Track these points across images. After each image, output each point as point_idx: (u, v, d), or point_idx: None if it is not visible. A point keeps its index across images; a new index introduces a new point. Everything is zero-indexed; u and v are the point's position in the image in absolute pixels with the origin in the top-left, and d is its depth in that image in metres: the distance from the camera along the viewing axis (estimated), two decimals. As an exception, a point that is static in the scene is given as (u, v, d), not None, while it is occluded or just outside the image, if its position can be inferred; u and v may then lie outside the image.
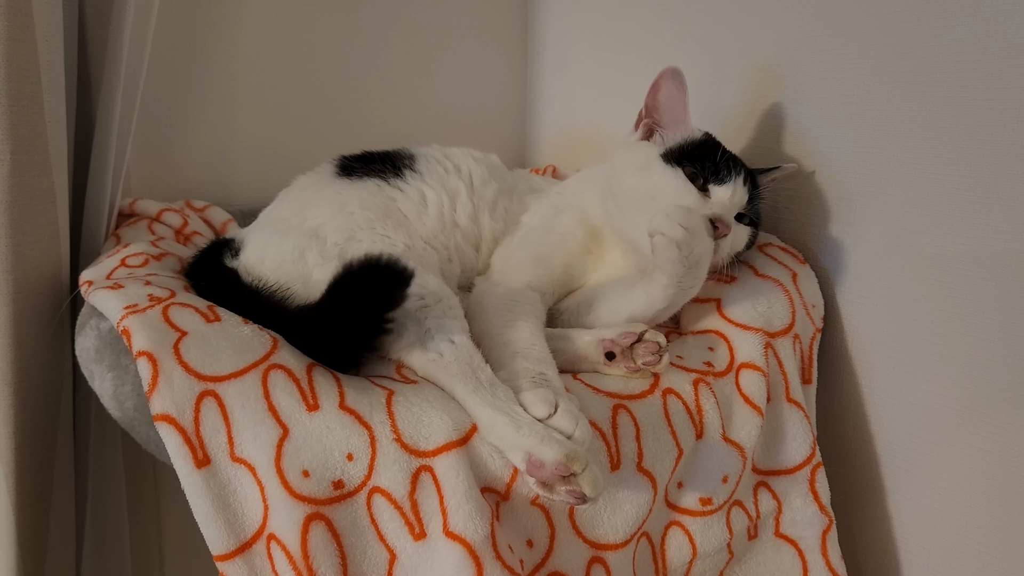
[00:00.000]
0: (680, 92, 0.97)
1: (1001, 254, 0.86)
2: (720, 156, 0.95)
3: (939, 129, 0.90)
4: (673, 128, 0.99)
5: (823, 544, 0.92)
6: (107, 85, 1.04)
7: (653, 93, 0.99)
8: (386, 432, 0.72)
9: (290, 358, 0.76)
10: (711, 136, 0.99)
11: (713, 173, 0.94)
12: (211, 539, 0.70)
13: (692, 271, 0.87)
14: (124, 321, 0.76)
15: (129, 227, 1.11)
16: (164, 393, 0.71)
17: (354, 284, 0.75)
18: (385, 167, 1.05)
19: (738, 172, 0.94)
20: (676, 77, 0.97)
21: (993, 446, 0.89)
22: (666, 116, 1.00)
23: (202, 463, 0.70)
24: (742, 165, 0.97)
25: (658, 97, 0.99)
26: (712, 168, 0.94)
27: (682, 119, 0.98)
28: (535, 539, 0.78)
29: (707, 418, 0.86)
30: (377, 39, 1.49)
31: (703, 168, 0.94)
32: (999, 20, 0.84)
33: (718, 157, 0.95)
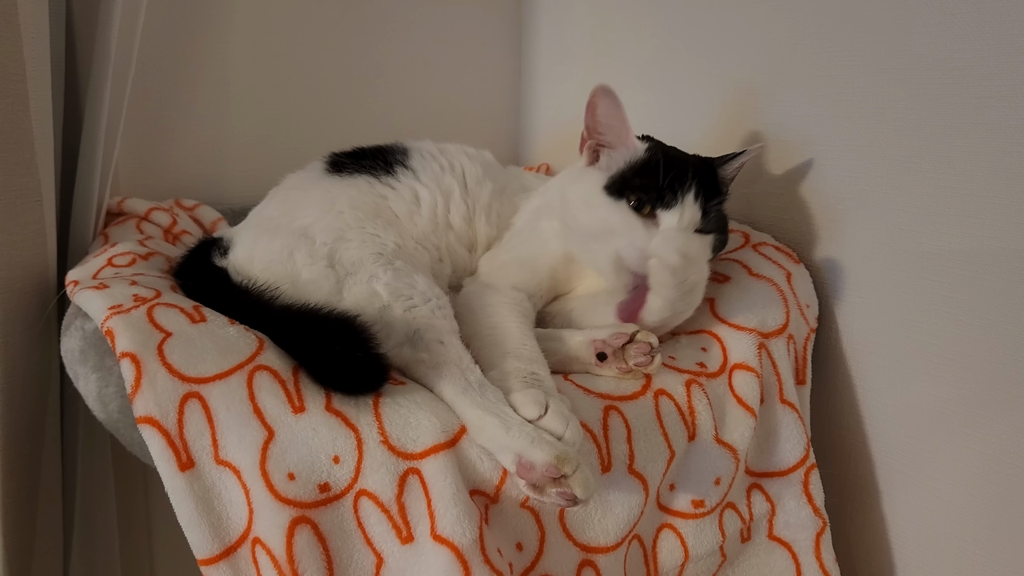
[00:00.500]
0: (616, 108, 0.93)
1: (996, 253, 0.85)
2: (665, 177, 0.89)
3: (933, 127, 0.89)
4: (617, 145, 0.95)
5: (817, 547, 0.91)
6: (95, 82, 1.03)
7: (590, 113, 0.94)
8: (373, 434, 0.71)
9: (276, 359, 0.75)
10: (655, 150, 0.93)
11: (658, 199, 0.89)
12: (195, 543, 0.69)
13: (687, 296, 0.86)
14: (108, 322, 0.75)
15: (117, 226, 1.11)
16: (147, 395, 0.70)
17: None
18: (376, 163, 1.04)
19: (687, 190, 0.89)
20: (608, 94, 0.92)
21: (989, 447, 0.88)
22: (608, 135, 0.95)
23: (186, 466, 0.69)
24: (692, 176, 0.90)
25: (596, 117, 0.94)
26: (656, 194, 0.89)
27: (623, 136, 0.94)
28: (525, 542, 0.77)
29: (699, 419, 0.86)
30: (370, 35, 1.49)
31: (647, 195, 0.89)
32: (993, 18, 0.83)
33: (662, 180, 0.89)
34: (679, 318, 0.89)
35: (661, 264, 0.83)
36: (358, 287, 0.86)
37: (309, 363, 0.77)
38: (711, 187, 0.92)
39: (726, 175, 0.97)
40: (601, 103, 0.93)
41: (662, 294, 0.85)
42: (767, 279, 0.98)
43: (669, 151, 0.95)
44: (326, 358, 0.76)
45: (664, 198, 0.89)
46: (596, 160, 0.97)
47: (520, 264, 0.98)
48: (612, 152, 0.95)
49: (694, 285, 0.86)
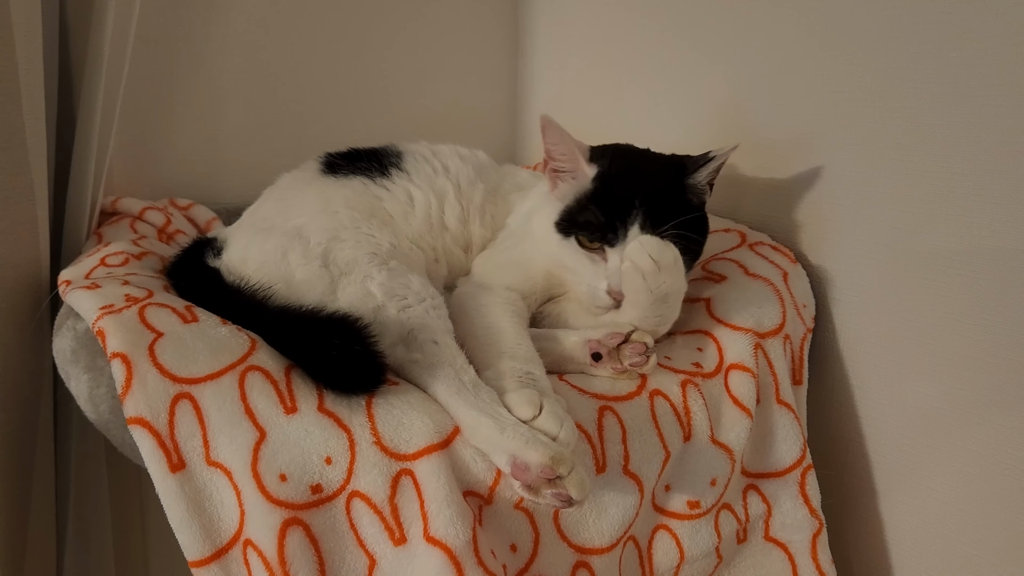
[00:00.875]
0: (561, 136, 0.92)
1: (993, 252, 0.85)
2: (610, 211, 0.88)
3: (930, 127, 0.89)
4: (570, 173, 0.94)
5: (813, 548, 0.91)
6: (88, 82, 1.03)
7: (544, 139, 0.94)
8: (366, 435, 0.71)
9: (268, 359, 0.75)
10: (601, 179, 0.92)
11: (602, 237, 0.88)
12: (186, 545, 0.69)
13: (660, 304, 0.85)
14: (99, 322, 0.75)
15: (111, 226, 1.10)
16: (138, 395, 0.69)
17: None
18: (371, 165, 1.04)
19: (631, 222, 0.86)
20: (551, 125, 0.92)
21: (985, 447, 0.88)
22: (560, 162, 0.94)
23: (177, 467, 0.69)
24: (640, 205, 0.87)
25: (547, 144, 0.94)
26: (599, 233, 0.88)
27: (574, 164, 0.93)
28: (519, 544, 0.77)
29: (695, 420, 0.85)
30: (366, 34, 1.48)
31: (591, 234, 0.88)
32: (990, 17, 0.82)
33: (607, 214, 0.88)
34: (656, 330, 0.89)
35: (634, 268, 0.83)
36: (352, 287, 0.86)
37: (306, 362, 0.77)
38: (665, 208, 0.88)
39: (698, 181, 0.93)
40: (548, 133, 0.93)
41: (636, 301, 0.85)
42: (764, 279, 0.97)
43: (619, 175, 0.92)
44: (324, 356, 0.75)
45: (607, 236, 0.88)
46: (555, 186, 0.96)
47: (514, 265, 0.97)
48: (567, 179, 0.94)
49: (667, 294, 0.85)
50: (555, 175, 0.96)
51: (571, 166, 0.94)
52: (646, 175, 0.93)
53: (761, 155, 1.11)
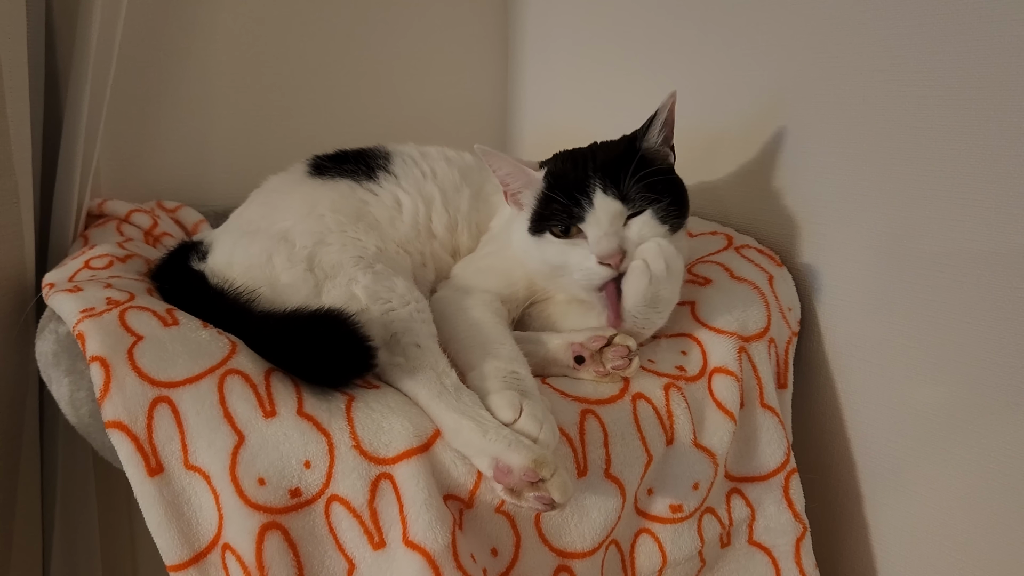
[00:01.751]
0: (501, 160, 0.93)
1: (978, 256, 0.85)
2: (563, 194, 0.88)
3: (915, 130, 0.89)
4: (524, 187, 0.94)
5: (797, 552, 0.91)
6: (75, 83, 1.03)
7: (491, 170, 0.96)
8: (345, 439, 0.71)
9: (248, 363, 0.75)
10: (551, 167, 0.93)
11: (570, 217, 0.88)
12: (164, 549, 0.69)
13: (650, 308, 0.86)
14: (79, 325, 0.75)
15: (98, 228, 1.10)
16: (116, 399, 0.69)
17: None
18: (358, 167, 1.04)
19: (591, 190, 0.87)
20: (487, 153, 0.93)
21: (971, 451, 0.88)
22: (512, 183, 0.95)
23: (155, 471, 0.69)
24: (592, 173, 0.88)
25: (495, 173, 0.96)
26: (566, 214, 0.88)
27: (522, 177, 0.94)
28: (500, 547, 0.77)
29: (678, 424, 0.85)
30: (356, 34, 1.48)
31: (560, 219, 0.88)
32: (975, 21, 0.82)
33: (563, 198, 0.88)
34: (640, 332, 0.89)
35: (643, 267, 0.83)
36: (336, 290, 0.86)
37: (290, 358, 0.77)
38: (623, 168, 0.87)
39: (652, 140, 0.91)
40: (489, 161, 0.94)
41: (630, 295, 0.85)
42: (749, 282, 0.97)
43: (564, 163, 0.93)
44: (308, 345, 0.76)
45: (574, 213, 0.88)
46: (520, 207, 0.96)
47: (496, 272, 0.97)
48: (524, 194, 0.95)
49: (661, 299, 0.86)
50: (515, 197, 0.96)
51: (523, 180, 0.94)
52: (597, 152, 0.93)
53: (748, 158, 1.11)
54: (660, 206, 0.87)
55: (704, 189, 1.19)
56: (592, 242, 0.86)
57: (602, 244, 0.85)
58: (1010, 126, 0.80)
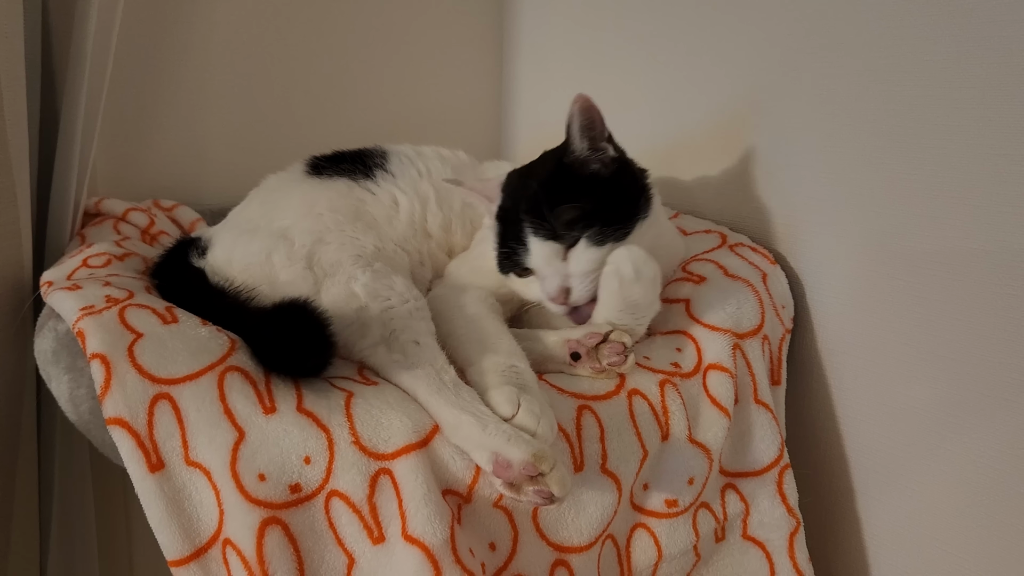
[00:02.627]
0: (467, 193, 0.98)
1: (969, 254, 0.86)
2: (508, 240, 0.90)
3: (907, 129, 0.90)
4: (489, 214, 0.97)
5: (791, 546, 0.92)
6: (72, 81, 1.03)
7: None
8: (344, 435, 0.72)
9: (248, 360, 0.75)
10: (498, 208, 0.94)
11: (514, 265, 0.91)
12: (165, 544, 0.69)
13: (627, 314, 0.86)
14: (79, 323, 0.75)
15: (94, 227, 1.10)
16: (117, 396, 0.70)
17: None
18: (356, 167, 1.04)
19: (526, 233, 0.87)
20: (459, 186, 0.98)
21: (962, 447, 0.89)
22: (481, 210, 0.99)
23: (156, 467, 0.69)
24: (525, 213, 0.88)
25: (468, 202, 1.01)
26: (512, 262, 0.90)
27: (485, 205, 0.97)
28: (497, 542, 0.78)
29: (673, 419, 0.86)
30: (351, 33, 1.48)
31: (509, 269, 0.92)
32: (966, 20, 0.83)
33: (508, 244, 0.90)
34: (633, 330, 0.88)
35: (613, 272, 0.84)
36: (336, 288, 0.86)
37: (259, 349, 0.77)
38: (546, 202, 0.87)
39: (577, 154, 0.89)
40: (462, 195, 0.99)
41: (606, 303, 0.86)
42: (743, 280, 0.98)
43: (506, 202, 0.93)
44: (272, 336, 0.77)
45: (517, 261, 0.90)
46: None
47: (491, 272, 0.97)
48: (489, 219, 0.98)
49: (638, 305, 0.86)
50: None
51: (484, 209, 0.98)
52: (528, 182, 0.92)
53: (741, 156, 1.12)
54: (593, 231, 0.85)
55: (698, 187, 1.20)
56: (542, 283, 0.88)
57: (545, 287, 0.87)
58: (1000, 125, 0.81)
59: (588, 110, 0.88)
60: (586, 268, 0.86)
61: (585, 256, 0.86)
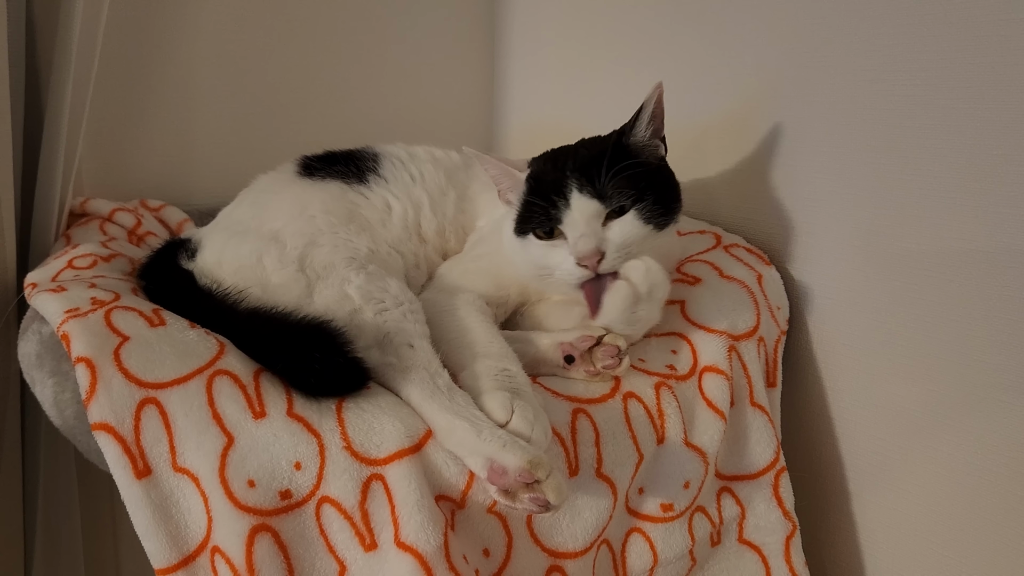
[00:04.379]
0: (489, 162, 0.94)
1: (964, 254, 0.86)
2: (541, 197, 0.88)
3: (902, 129, 0.90)
4: (511, 187, 0.94)
5: (787, 550, 0.91)
6: (56, 79, 1.01)
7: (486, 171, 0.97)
8: (336, 440, 0.70)
9: (237, 363, 0.74)
10: (534, 168, 0.93)
11: (549, 219, 0.87)
12: (152, 552, 0.68)
13: (627, 325, 0.85)
14: (64, 326, 0.74)
15: (80, 227, 1.08)
16: (102, 401, 0.68)
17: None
18: (348, 169, 1.03)
19: (568, 190, 0.86)
20: (477, 156, 0.95)
21: (958, 449, 0.89)
22: (502, 183, 0.95)
23: (142, 473, 0.68)
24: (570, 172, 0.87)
25: (488, 173, 0.97)
26: (546, 216, 0.87)
27: (509, 178, 0.94)
28: (492, 548, 0.76)
29: (668, 422, 0.85)
30: (341, 32, 1.47)
31: (540, 222, 0.88)
32: (961, 21, 0.83)
33: (541, 200, 0.88)
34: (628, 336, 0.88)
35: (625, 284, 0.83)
36: (329, 290, 0.85)
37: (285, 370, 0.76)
38: (601, 167, 0.85)
39: (640, 134, 0.89)
40: (482, 164, 0.95)
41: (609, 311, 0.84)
42: (738, 281, 0.97)
43: (546, 163, 0.92)
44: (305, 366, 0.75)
45: (551, 215, 0.87)
46: (510, 204, 0.95)
47: (487, 275, 0.96)
48: (512, 193, 0.94)
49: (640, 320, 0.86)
50: (504, 196, 0.96)
51: (509, 181, 0.94)
52: (579, 150, 0.92)
53: (736, 157, 1.12)
54: (643, 205, 0.85)
55: (692, 188, 1.19)
56: (570, 243, 0.86)
57: (579, 246, 0.84)
58: (995, 125, 0.81)
59: (661, 101, 0.89)
60: (626, 239, 0.85)
61: (630, 227, 0.85)
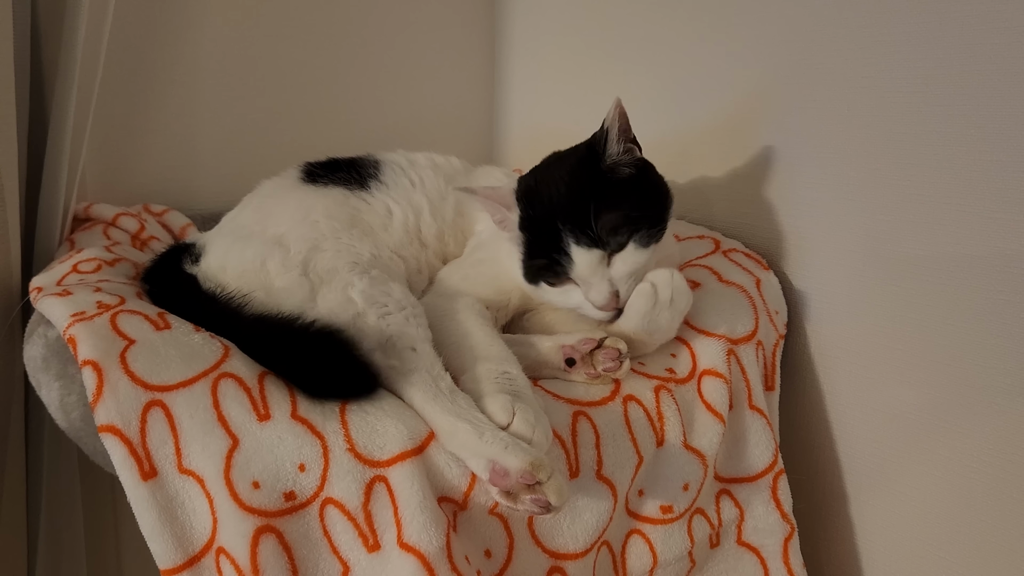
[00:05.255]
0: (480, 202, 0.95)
1: (961, 259, 0.86)
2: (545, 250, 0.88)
3: (899, 135, 0.90)
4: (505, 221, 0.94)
5: (785, 552, 0.92)
6: (61, 84, 1.02)
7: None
8: (339, 442, 0.71)
9: (241, 366, 0.74)
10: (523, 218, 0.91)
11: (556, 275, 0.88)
12: (158, 553, 0.68)
13: (647, 332, 0.87)
14: (70, 329, 0.74)
15: (84, 232, 1.09)
16: (109, 403, 0.69)
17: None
18: (350, 175, 1.04)
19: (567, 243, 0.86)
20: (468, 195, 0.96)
21: (955, 452, 0.89)
22: (496, 215, 0.95)
23: (148, 475, 0.68)
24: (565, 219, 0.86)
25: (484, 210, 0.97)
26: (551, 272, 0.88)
27: (502, 213, 0.93)
28: (493, 549, 0.77)
29: (668, 425, 0.86)
30: (343, 40, 1.48)
31: (548, 276, 0.89)
32: (958, 27, 0.84)
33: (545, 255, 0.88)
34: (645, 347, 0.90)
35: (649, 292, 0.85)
36: (332, 294, 0.86)
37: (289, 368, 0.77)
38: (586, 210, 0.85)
39: (613, 155, 0.89)
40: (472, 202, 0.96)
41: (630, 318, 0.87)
42: (737, 285, 0.98)
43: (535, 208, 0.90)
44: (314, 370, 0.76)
45: (558, 271, 0.88)
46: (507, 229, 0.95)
47: (487, 281, 0.97)
48: (509, 228, 0.94)
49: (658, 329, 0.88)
50: (501, 226, 0.96)
51: (501, 217, 0.94)
52: (560, 187, 0.90)
53: (734, 163, 1.12)
54: (639, 235, 0.86)
55: (691, 193, 1.20)
56: (584, 293, 0.88)
57: (593, 296, 0.87)
58: (993, 131, 0.82)
59: (623, 114, 0.89)
60: (632, 270, 0.87)
61: (632, 259, 0.87)
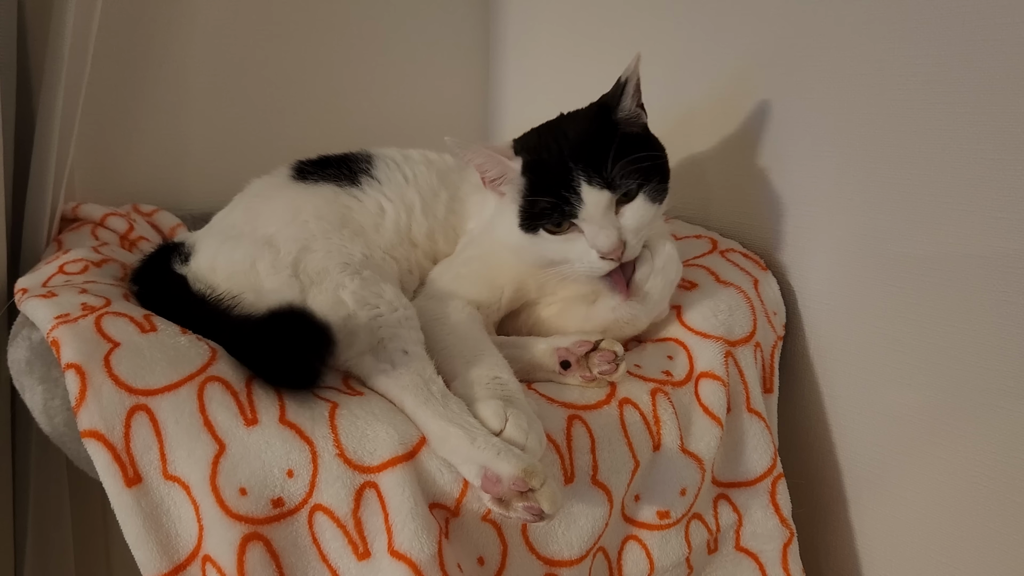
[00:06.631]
0: (474, 151, 0.90)
1: (961, 259, 0.85)
2: (552, 190, 0.85)
3: (898, 133, 0.89)
4: (502, 175, 0.91)
5: (784, 557, 0.91)
6: (48, 83, 1.00)
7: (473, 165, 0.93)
8: (328, 447, 0.70)
9: (229, 370, 0.73)
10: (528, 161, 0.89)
11: (563, 214, 0.85)
12: (143, 562, 0.67)
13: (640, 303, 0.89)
14: (54, 331, 0.73)
15: (72, 232, 1.07)
16: (92, 408, 0.67)
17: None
18: (341, 172, 1.02)
19: (578, 183, 0.84)
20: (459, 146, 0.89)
21: (955, 455, 0.88)
22: (490, 172, 0.91)
23: (132, 481, 0.67)
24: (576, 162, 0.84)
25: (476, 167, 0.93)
26: (558, 213, 0.85)
27: (500, 165, 0.90)
28: (486, 556, 0.76)
29: (665, 429, 0.85)
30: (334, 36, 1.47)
31: (552, 218, 0.86)
32: (956, 25, 0.83)
33: (552, 192, 0.85)
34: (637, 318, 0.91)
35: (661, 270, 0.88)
36: (323, 295, 0.84)
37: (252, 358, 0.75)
38: (602, 152, 0.84)
39: (626, 109, 0.88)
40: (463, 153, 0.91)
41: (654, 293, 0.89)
42: (734, 286, 0.97)
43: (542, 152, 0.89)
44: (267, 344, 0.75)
45: (564, 211, 0.85)
46: (501, 194, 0.93)
47: (479, 279, 0.95)
48: (505, 184, 0.92)
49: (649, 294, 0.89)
50: (493, 186, 0.93)
51: (499, 171, 0.91)
52: (569, 134, 0.89)
53: (732, 163, 1.11)
54: (649, 187, 0.86)
55: (689, 193, 1.19)
56: (589, 238, 0.85)
57: (601, 240, 0.84)
58: (993, 130, 0.81)
59: (637, 72, 0.89)
60: (641, 223, 0.86)
61: (643, 210, 0.86)
